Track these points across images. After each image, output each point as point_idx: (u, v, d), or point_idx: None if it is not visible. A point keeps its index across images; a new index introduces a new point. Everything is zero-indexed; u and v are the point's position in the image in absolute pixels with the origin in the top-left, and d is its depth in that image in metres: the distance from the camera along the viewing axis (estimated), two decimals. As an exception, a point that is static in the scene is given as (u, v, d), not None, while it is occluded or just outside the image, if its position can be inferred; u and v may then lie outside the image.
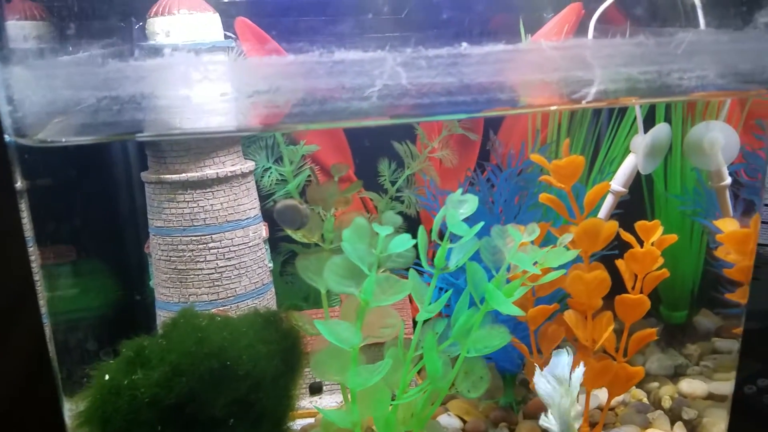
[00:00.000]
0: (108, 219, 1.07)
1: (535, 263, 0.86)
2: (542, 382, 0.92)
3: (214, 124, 0.68)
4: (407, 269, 0.87)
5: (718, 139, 1.04)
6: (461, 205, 0.84)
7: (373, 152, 1.24)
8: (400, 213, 1.19)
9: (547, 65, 0.73)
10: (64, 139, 0.68)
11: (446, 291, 0.92)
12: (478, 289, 0.87)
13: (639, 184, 1.23)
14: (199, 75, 0.62)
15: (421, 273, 0.89)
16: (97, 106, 0.64)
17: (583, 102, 0.75)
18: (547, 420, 0.92)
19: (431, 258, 0.88)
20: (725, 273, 1.08)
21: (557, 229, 1.00)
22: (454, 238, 0.87)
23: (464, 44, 0.71)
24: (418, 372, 0.91)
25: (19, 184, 0.85)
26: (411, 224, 0.89)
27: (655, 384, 1.22)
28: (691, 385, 1.21)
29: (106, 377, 0.82)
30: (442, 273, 0.89)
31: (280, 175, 1.11)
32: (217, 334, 0.84)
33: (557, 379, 0.92)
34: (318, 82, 0.69)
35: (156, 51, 0.77)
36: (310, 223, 0.91)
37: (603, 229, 0.97)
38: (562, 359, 0.92)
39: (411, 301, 1.09)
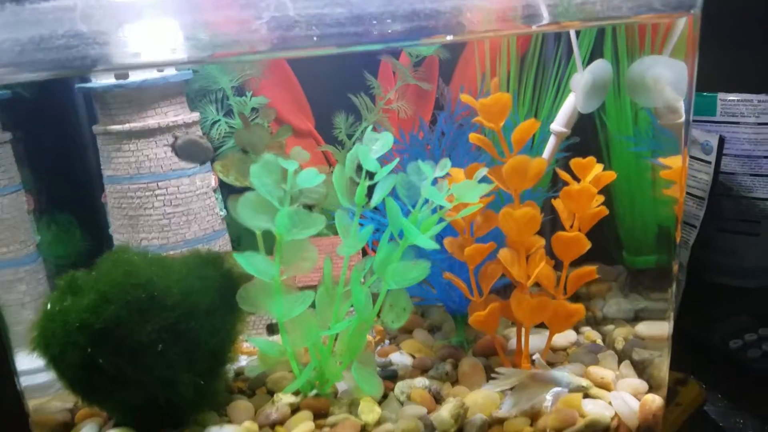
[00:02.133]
0: (69, 172, 1.14)
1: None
2: None
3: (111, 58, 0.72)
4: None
5: (663, 75, 1.02)
6: (374, 142, 0.86)
7: (332, 106, 1.27)
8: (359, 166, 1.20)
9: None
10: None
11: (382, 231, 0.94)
12: (396, 223, 0.89)
13: (594, 127, 1.21)
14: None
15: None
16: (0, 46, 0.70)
17: (471, 31, 0.76)
18: None
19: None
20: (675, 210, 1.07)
21: (490, 169, 1.01)
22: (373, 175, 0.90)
23: (349, -27, 0.73)
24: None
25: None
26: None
27: (611, 326, 1.22)
28: (649, 328, 1.20)
29: (48, 306, 0.89)
30: (364, 210, 0.92)
31: (230, 127, 1.16)
32: (146, 268, 0.90)
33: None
34: (205, 16, 0.72)
35: None
36: (242, 166, 0.95)
37: (531, 166, 0.97)
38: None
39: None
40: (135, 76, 1.02)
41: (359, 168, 0.90)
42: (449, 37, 0.77)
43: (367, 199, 0.90)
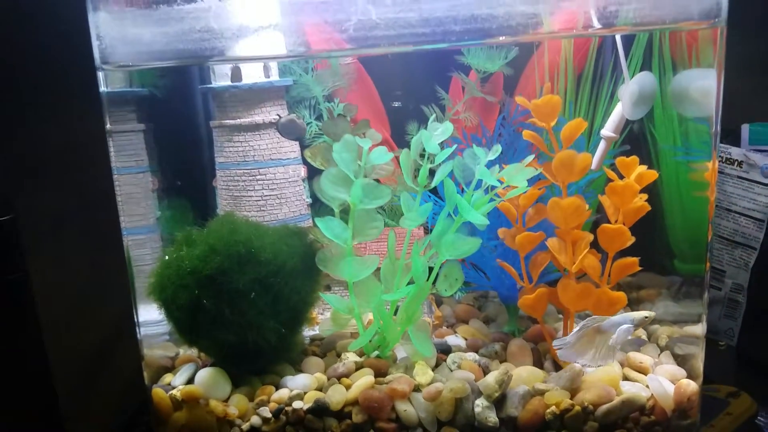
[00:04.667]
0: (188, 160, 1.37)
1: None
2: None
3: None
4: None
5: (705, 86, 1.11)
6: (435, 128, 1.02)
7: (406, 116, 1.44)
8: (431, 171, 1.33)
9: (492, 1, 0.91)
10: (131, 63, 0.97)
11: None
12: (451, 201, 1.04)
13: (644, 139, 1.32)
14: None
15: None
16: (151, 39, 0.92)
17: (528, 32, 0.92)
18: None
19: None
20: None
21: (543, 164, 1.14)
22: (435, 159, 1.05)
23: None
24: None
25: (108, 125, 1.14)
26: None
27: (657, 326, 1.29)
28: (699, 328, 1.25)
29: (165, 257, 1.09)
30: (425, 190, 1.07)
31: (320, 129, 1.35)
32: (246, 229, 1.08)
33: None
34: (307, 17, 0.92)
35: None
36: (326, 153, 1.13)
37: (577, 160, 1.10)
38: None
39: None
40: (247, 80, 1.24)
41: (423, 156, 1.06)
42: (502, 38, 0.93)
43: (429, 180, 1.06)
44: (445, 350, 1.21)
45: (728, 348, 1.60)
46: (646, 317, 1.05)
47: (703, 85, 1.10)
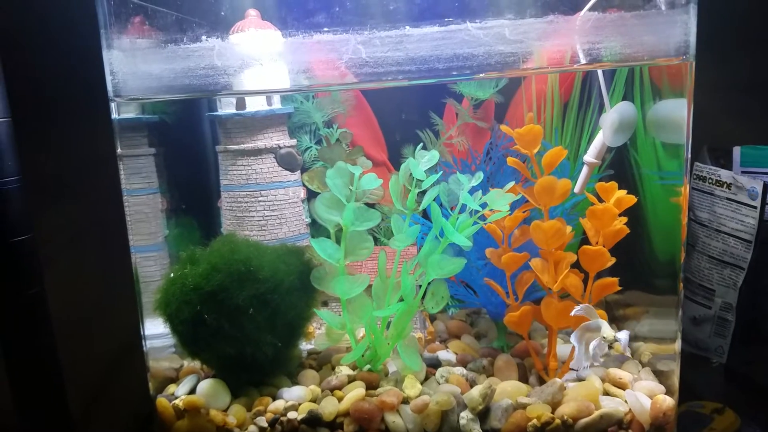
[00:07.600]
0: (195, 180, 1.45)
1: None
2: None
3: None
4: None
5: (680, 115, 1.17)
6: (423, 156, 1.09)
7: (403, 140, 1.51)
8: (423, 191, 1.41)
9: (472, 42, 0.98)
10: (141, 96, 1.05)
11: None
12: (438, 224, 1.11)
13: (629, 164, 1.38)
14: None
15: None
16: (160, 75, 1.00)
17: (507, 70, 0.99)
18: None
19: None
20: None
21: (526, 188, 1.20)
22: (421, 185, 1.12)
23: (407, 27, 0.98)
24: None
25: (119, 150, 1.22)
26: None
27: (641, 343, 1.34)
28: (676, 345, 1.30)
29: (171, 274, 1.16)
30: (414, 213, 1.14)
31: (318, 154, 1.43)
32: (246, 248, 1.16)
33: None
34: (303, 56, 0.99)
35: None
36: (323, 177, 1.21)
37: (558, 186, 1.16)
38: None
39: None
40: (249, 108, 1.32)
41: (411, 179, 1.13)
42: (481, 75, 1.00)
43: (417, 204, 1.12)
44: (435, 365, 1.27)
45: (720, 365, 1.65)
46: (605, 337, 1.11)
47: (676, 115, 1.16)
